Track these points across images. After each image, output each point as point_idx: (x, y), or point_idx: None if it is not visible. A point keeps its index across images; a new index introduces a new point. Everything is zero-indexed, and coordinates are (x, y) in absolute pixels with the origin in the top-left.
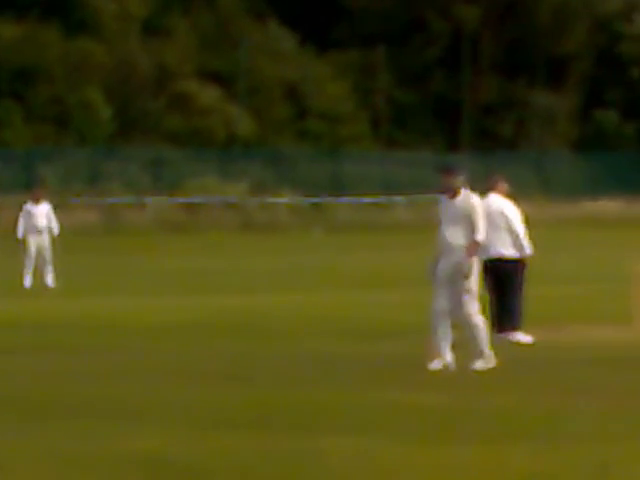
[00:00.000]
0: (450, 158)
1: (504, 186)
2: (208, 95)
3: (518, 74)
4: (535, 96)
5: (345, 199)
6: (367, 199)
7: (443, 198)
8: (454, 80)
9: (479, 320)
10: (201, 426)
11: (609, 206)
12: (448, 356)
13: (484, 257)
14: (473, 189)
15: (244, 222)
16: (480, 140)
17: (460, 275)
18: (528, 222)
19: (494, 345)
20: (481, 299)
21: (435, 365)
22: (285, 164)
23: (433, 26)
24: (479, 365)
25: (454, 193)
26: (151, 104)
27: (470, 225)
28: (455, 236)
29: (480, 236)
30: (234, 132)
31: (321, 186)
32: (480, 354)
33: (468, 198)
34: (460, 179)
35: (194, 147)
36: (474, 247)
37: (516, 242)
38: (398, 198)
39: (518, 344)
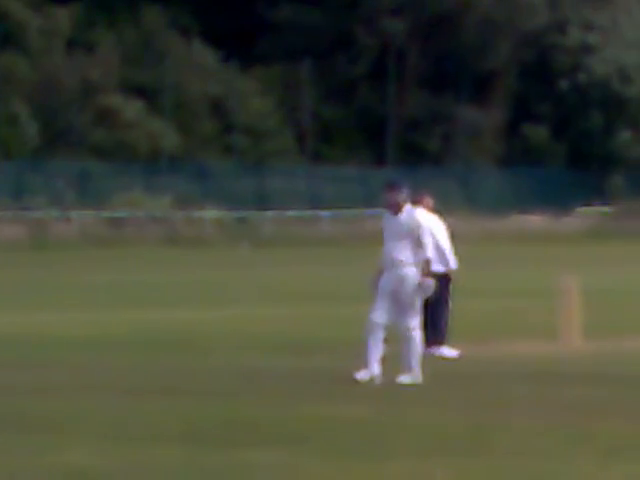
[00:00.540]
0: (376, 173)
1: (430, 201)
2: (132, 109)
3: (444, 89)
4: (461, 111)
5: (270, 213)
6: (293, 213)
7: (386, 214)
8: (380, 94)
9: (418, 336)
10: (129, 439)
11: (535, 221)
12: (376, 369)
13: None
14: None
15: (169, 236)
16: (406, 155)
17: (404, 290)
18: (454, 237)
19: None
20: None
21: (362, 375)
22: (210, 179)
23: (360, 40)
24: (406, 379)
25: (398, 209)
26: (76, 118)
27: (413, 240)
28: (398, 252)
29: (429, 253)
30: (159, 146)
31: (246, 201)
32: (409, 369)
33: (412, 214)
34: (404, 195)
35: (119, 161)
36: (427, 265)
37: (442, 257)
38: (324, 213)
39: (444, 358)
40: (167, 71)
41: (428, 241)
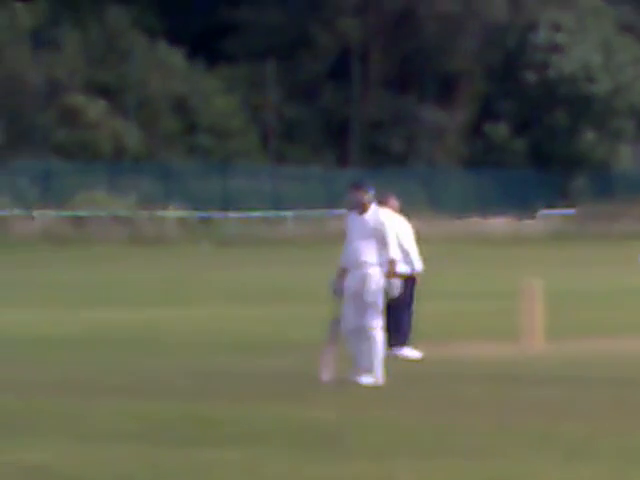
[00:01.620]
0: (340, 173)
1: (395, 202)
2: (96, 109)
3: (408, 89)
4: (425, 111)
5: (234, 214)
6: (256, 214)
7: (351, 214)
8: (343, 95)
9: (380, 336)
10: (88, 438)
11: (498, 223)
12: (379, 370)
13: None
14: None
15: (132, 235)
16: (369, 155)
17: (367, 290)
18: (417, 238)
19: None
20: None
21: (368, 380)
22: (174, 178)
23: (320, 41)
24: (367, 380)
25: (363, 209)
26: (40, 117)
27: (378, 241)
28: (364, 252)
29: (394, 254)
30: (123, 146)
31: (210, 200)
32: (370, 369)
33: (377, 214)
34: (369, 195)
35: (83, 161)
36: (392, 266)
37: (406, 258)
38: (287, 213)
39: (406, 360)
40: (131, 70)
41: (393, 241)
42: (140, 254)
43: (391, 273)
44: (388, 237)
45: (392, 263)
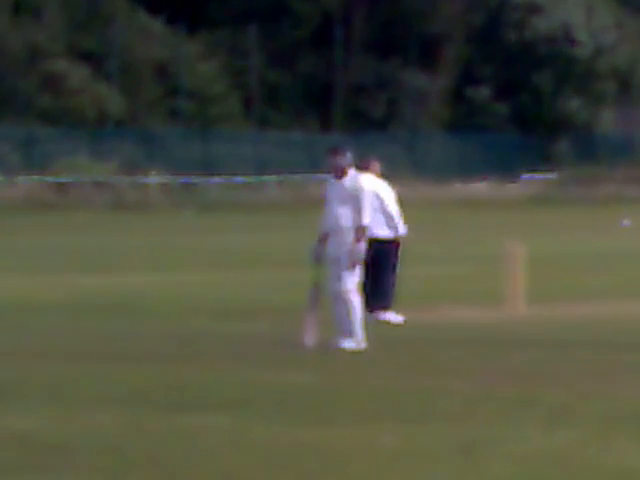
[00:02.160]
0: (322, 138)
1: (377, 166)
2: (78, 74)
3: (391, 54)
4: (407, 76)
5: (217, 179)
6: (239, 179)
7: (330, 179)
8: (326, 61)
9: (356, 299)
10: (72, 404)
11: (480, 187)
12: (360, 334)
13: None
14: None
15: (115, 201)
16: (352, 120)
17: (344, 254)
18: (400, 202)
19: (365, 325)
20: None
21: (350, 345)
22: (156, 143)
23: (300, 6)
24: (349, 344)
25: (341, 174)
26: (22, 83)
27: (354, 206)
28: (343, 217)
29: (365, 220)
30: (105, 111)
31: (192, 166)
32: (351, 333)
33: (355, 179)
34: (347, 159)
35: (65, 126)
36: (361, 232)
37: (390, 223)
38: (270, 178)
39: (389, 324)
40: (113, 36)
41: (367, 207)
42: (122, 220)
43: (358, 239)
44: (362, 202)
45: (360, 230)
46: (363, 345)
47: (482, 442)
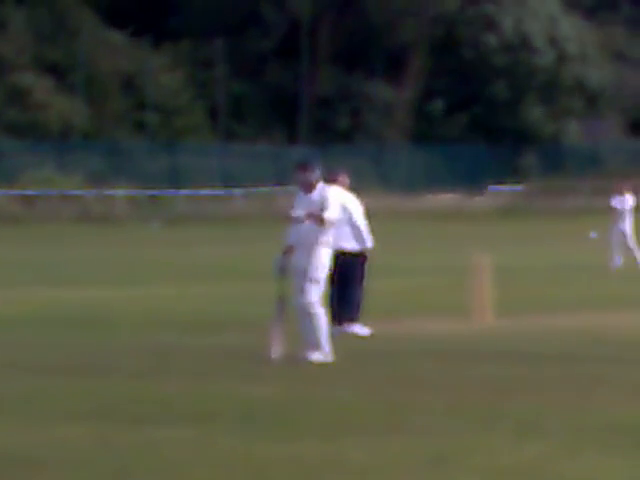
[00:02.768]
0: (288, 150)
1: (346, 179)
2: (44, 87)
3: (356, 66)
4: (373, 88)
5: (183, 191)
6: (205, 191)
7: (299, 192)
8: (292, 72)
9: (320, 310)
10: (40, 418)
11: (447, 199)
12: (327, 346)
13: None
14: None
15: (81, 214)
16: (318, 132)
17: (310, 266)
18: (367, 215)
19: (332, 337)
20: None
21: (317, 357)
22: (122, 156)
23: (267, 18)
24: (316, 357)
25: (310, 188)
26: None
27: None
28: (310, 230)
29: (328, 214)
30: (71, 124)
31: (158, 178)
32: (317, 346)
33: (323, 191)
34: (316, 175)
35: (31, 139)
36: (317, 217)
37: (358, 235)
38: (236, 190)
39: (355, 336)
40: (78, 49)
41: (334, 209)
42: (89, 233)
43: (311, 219)
44: (330, 203)
45: (319, 216)
46: (330, 358)
47: (451, 455)
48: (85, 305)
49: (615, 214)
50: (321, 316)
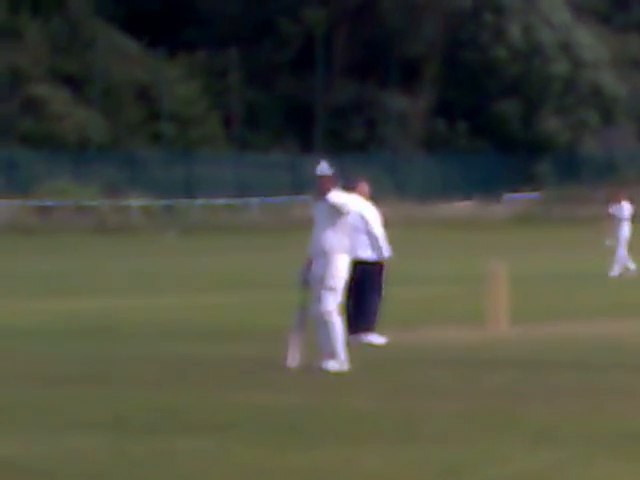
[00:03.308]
0: (303, 160)
1: (365, 187)
2: (60, 98)
3: (371, 75)
4: (388, 98)
5: (199, 201)
6: (220, 201)
7: (317, 201)
8: (307, 82)
9: (337, 319)
10: (55, 428)
11: (462, 208)
12: (342, 355)
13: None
14: None
15: (97, 224)
16: (333, 142)
17: (327, 275)
18: (384, 224)
19: (348, 347)
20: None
21: (333, 366)
22: (138, 167)
23: (282, 29)
24: (332, 366)
25: (325, 193)
26: (4, 107)
27: (341, 226)
28: (326, 239)
29: (332, 197)
30: (87, 135)
31: (174, 188)
32: (333, 355)
33: (338, 196)
34: (334, 181)
35: (47, 150)
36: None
37: (375, 245)
38: (252, 200)
39: (371, 345)
40: (94, 59)
41: (348, 207)
42: (105, 243)
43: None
44: (344, 205)
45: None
46: (346, 366)
47: (465, 463)
48: (101, 315)
49: (613, 222)
50: (337, 325)
